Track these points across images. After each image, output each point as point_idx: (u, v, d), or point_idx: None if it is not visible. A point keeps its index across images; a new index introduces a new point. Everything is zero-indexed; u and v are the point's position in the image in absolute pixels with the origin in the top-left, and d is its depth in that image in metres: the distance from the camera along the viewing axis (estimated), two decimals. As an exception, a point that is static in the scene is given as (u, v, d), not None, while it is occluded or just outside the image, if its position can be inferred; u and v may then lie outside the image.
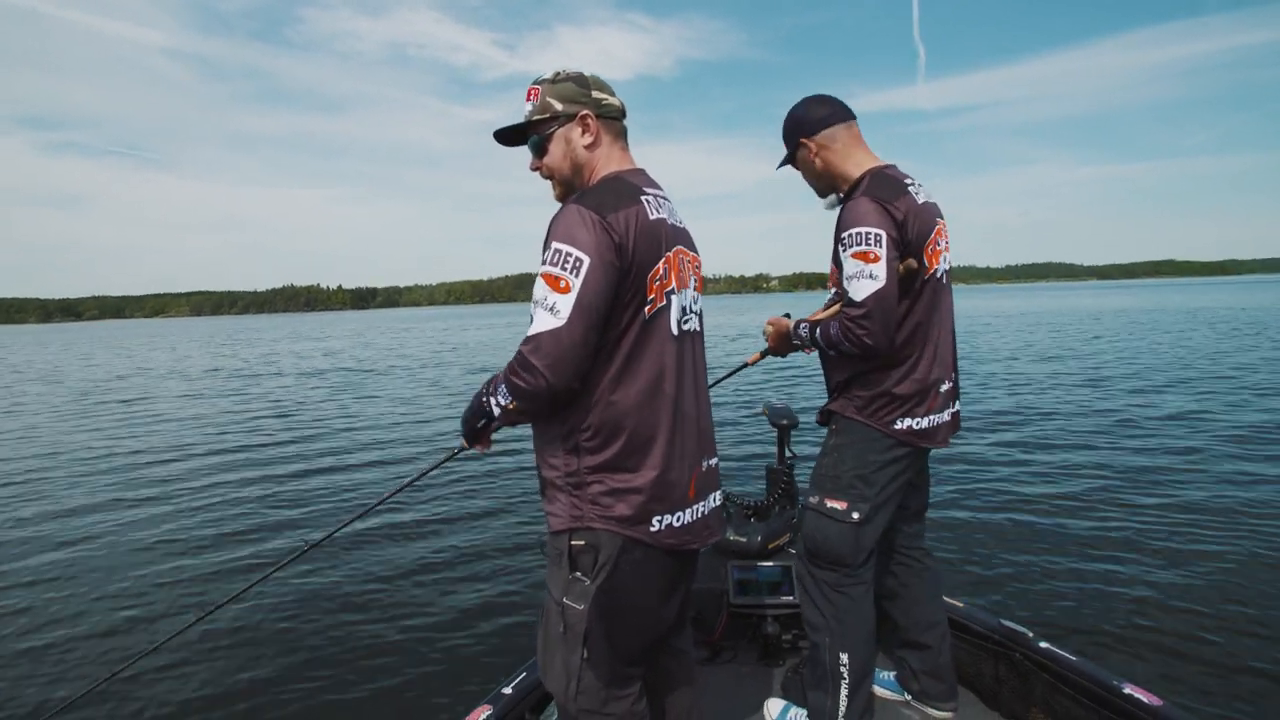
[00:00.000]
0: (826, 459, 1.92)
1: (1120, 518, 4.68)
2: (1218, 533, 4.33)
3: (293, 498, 6.08)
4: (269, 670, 3.21)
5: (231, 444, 8.72)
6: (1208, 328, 21.87)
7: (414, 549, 4.64)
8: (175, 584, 4.23)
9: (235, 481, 6.74)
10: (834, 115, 1.87)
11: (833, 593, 1.87)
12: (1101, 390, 10.31)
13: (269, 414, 11.16)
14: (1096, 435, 7.31)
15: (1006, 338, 20.93)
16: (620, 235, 1.25)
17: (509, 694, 1.91)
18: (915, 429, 1.83)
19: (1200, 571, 3.78)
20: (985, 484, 5.52)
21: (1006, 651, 2.12)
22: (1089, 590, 3.62)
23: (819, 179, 1.94)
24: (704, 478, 1.41)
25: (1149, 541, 4.24)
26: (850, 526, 1.83)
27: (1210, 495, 5.09)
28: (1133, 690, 1.80)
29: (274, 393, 14.14)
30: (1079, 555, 4.08)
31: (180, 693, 3.05)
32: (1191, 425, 7.62)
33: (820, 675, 1.88)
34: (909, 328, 1.82)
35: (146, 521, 5.51)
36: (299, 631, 3.56)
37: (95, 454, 8.37)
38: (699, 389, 1.43)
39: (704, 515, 1.40)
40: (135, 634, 3.60)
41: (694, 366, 1.42)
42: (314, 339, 39.18)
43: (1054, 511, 4.87)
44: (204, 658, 3.31)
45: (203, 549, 4.80)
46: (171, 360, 25.92)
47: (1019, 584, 3.74)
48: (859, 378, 1.86)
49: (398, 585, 4.08)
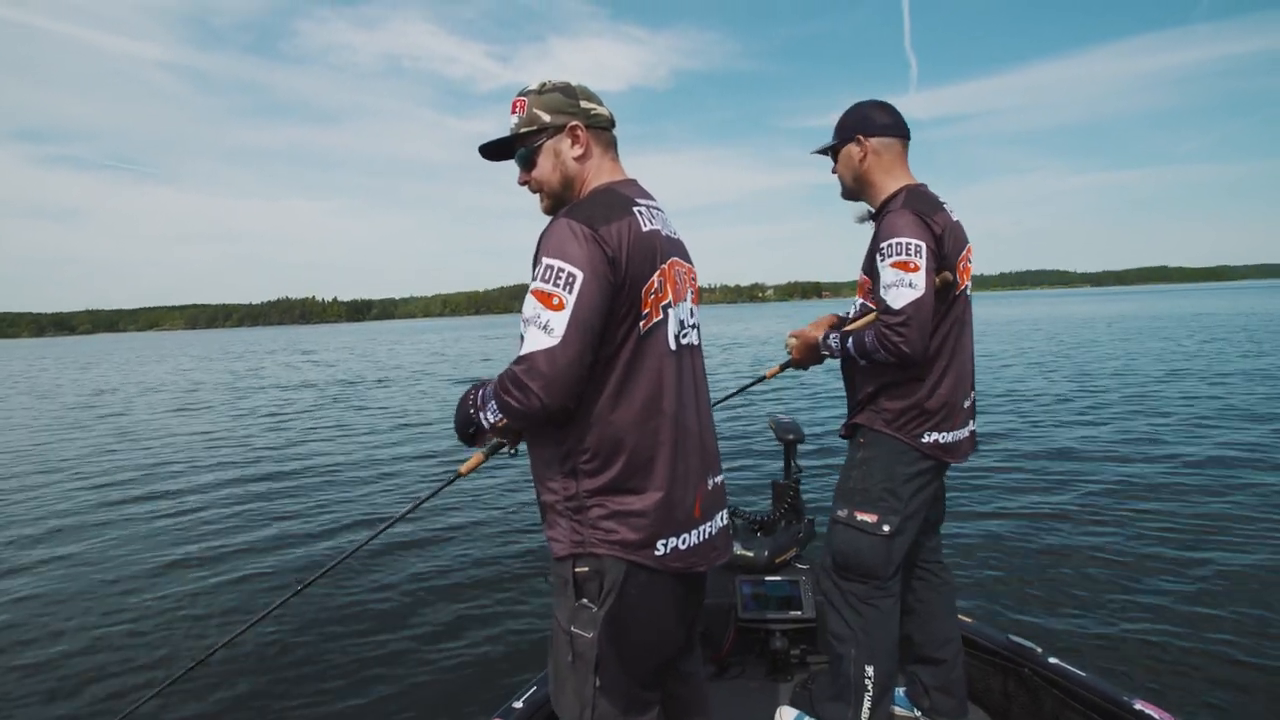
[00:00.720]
0: (854, 472, 1.92)
1: (1128, 529, 4.68)
2: (1229, 544, 4.33)
3: (292, 514, 6.05)
4: (273, 687, 3.18)
5: (226, 460, 8.67)
6: (1205, 333, 21.97)
7: (419, 562, 4.61)
8: (168, 609, 4.20)
9: (230, 500, 6.71)
10: (895, 128, 1.91)
11: (861, 605, 1.88)
12: (1101, 398, 10.33)
13: (260, 429, 11.12)
14: (1101, 444, 7.32)
15: (1004, 344, 20.98)
16: (613, 249, 1.22)
17: (520, 708, 1.89)
18: (941, 443, 1.86)
19: (1212, 584, 3.77)
20: (989, 495, 5.52)
21: (1016, 667, 2.12)
22: (1098, 603, 3.61)
23: (855, 180, 1.95)
24: (709, 496, 1.37)
25: (1158, 553, 4.23)
26: (882, 539, 1.85)
27: (1223, 506, 5.08)
28: (1143, 706, 1.79)
29: (264, 407, 14.09)
30: (1087, 568, 4.07)
31: (179, 712, 3.02)
32: (1199, 433, 7.63)
33: (842, 686, 1.87)
34: (938, 341, 1.84)
35: (138, 543, 5.48)
36: (302, 646, 3.53)
37: (72, 474, 8.32)
38: (700, 404, 1.39)
39: (710, 536, 1.37)
40: (124, 661, 3.57)
41: (694, 381, 1.38)
42: (302, 351, 39.09)
43: (1060, 523, 4.86)
44: (205, 677, 3.28)
45: (197, 568, 4.77)
46: (161, 374, 25.82)
47: (1027, 597, 3.73)
48: (887, 390, 1.87)
49: (405, 598, 4.06)
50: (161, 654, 3.55)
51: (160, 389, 19.44)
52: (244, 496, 6.72)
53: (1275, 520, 4.68)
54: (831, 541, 1.96)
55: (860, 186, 1.96)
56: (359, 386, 17.43)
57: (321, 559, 4.78)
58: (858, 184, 1.95)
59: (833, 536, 1.95)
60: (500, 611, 3.88)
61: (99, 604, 4.19)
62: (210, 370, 26.93)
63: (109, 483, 7.61)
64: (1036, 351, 18.59)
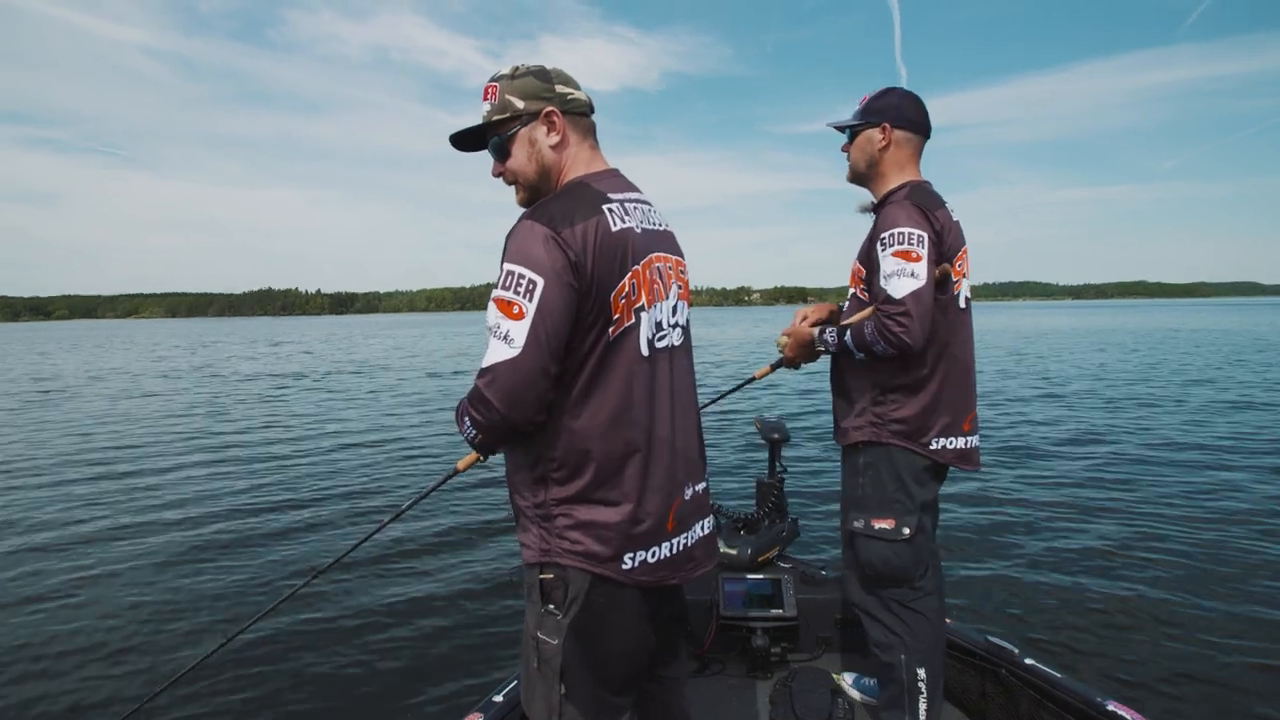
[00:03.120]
0: (862, 479, 1.89)
1: (1106, 532, 4.75)
2: (1205, 545, 4.42)
3: (283, 510, 5.99)
4: (255, 686, 3.15)
5: (206, 458, 8.56)
6: (1184, 345, 22.36)
7: (403, 559, 4.58)
8: (149, 609, 4.14)
9: (216, 495, 6.62)
10: (920, 125, 1.89)
11: (902, 609, 1.87)
12: (1080, 404, 10.48)
13: (242, 425, 10.98)
14: (1079, 450, 7.43)
15: (990, 352, 21.22)
16: (577, 252, 1.14)
17: (500, 702, 1.89)
18: (951, 448, 1.85)
19: (1185, 587, 3.84)
20: (969, 498, 5.58)
21: (993, 668, 2.14)
22: (1074, 605, 3.67)
23: (866, 164, 1.92)
24: (686, 506, 1.29)
25: (1134, 556, 4.30)
26: (904, 543, 1.83)
27: (1197, 510, 5.18)
28: (1116, 707, 1.81)
29: (245, 400, 13.92)
30: (1064, 569, 4.13)
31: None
32: (1174, 439, 7.77)
33: (896, 694, 1.86)
34: (941, 346, 1.83)
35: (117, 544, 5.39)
36: (286, 641, 3.49)
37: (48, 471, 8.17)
38: (679, 411, 1.30)
39: (686, 548, 1.29)
40: (105, 666, 3.51)
41: (672, 386, 1.29)
42: (272, 344, 38.68)
43: (1039, 525, 4.93)
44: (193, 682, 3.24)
45: (180, 568, 4.71)
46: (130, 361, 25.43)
47: (1004, 599, 3.78)
48: (890, 397, 1.85)
49: (388, 595, 4.03)
50: (144, 655, 3.50)
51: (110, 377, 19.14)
52: (229, 493, 6.64)
53: (1251, 523, 4.78)
54: (856, 555, 1.92)
55: (871, 174, 1.93)
56: (347, 378, 17.28)
57: (313, 555, 4.73)
58: (869, 169, 1.92)
59: (855, 550, 1.91)
60: (483, 609, 3.86)
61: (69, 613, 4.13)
62: (179, 359, 26.56)
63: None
64: (1011, 358, 18.81)
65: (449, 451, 8.16)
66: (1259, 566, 4.10)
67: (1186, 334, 31.04)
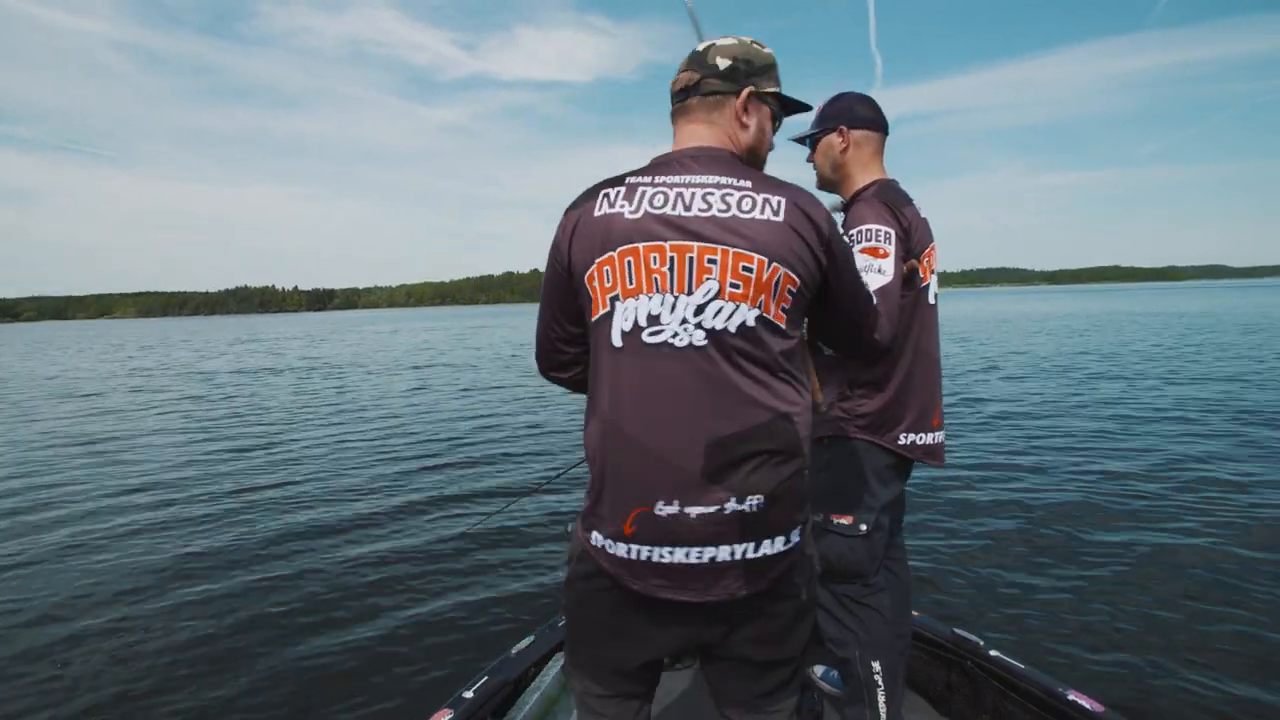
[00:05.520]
0: (823, 475, 1.90)
1: (1071, 523, 4.84)
2: (1167, 536, 4.50)
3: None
4: (218, 674, 3.12)
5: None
6: (1151, 331, 22.79)
7: (375, 552, 4.55)
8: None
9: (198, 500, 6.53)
10: (877, 122, 1.91)
11: (855, 605, 1.88)
12: (1043, 394, 10.65)
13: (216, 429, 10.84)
14: (1044, 440, 7.54)
15: (959, 342, 21.47)
16: (564, 231, 1.21)
17: (470, 698, 1.90)
18: (919, 444, 1.87)
19: (1146, 578, 3.91)
20: (936, 492, 5.64)
21: (959, 660, 2.18)
22: (1038, 597, 3.72)
23: (831, 169, 1.94)
24: (656, 522, 1.13)
25: (1097, 547, 4.38)
26: (861, 539, 1.85)
27: (1160, 501, 5.28)
28: (1076, 697, 1.86)
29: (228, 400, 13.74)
30: (1029, 561, 4.20)
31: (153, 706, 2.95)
32: (1136, 429, 7.91)
33: (855, 689, 1.88)
34: (908, 341, 1.85)
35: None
36: (250, 637, 3.46)
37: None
38: (665, 415, 1.14)
39: (651, 562, 1.15)
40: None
41: (675, 390, 1.13)
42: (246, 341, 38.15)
43: (1005, 518, 5.00)
44: (162, 671, 3.21)
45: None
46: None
47: (971, 591, 3.83)
48: (856, 392, 1.86)
49: (361, 586, 4.00)
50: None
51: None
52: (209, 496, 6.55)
53: (1210, 514, 4.89)
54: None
55: (838, 177, 1.94)
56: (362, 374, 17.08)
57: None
58: (835, 173, 1.94)
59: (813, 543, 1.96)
60: (453, 600, 3.85)
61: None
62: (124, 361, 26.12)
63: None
64: (985, 348, 19.07)
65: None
66: (1217, 556, 4.18)
67: (1149, 318, 31.61)
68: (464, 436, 8.87)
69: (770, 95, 1.32)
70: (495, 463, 7.38)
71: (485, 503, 5.83)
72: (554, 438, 8.65)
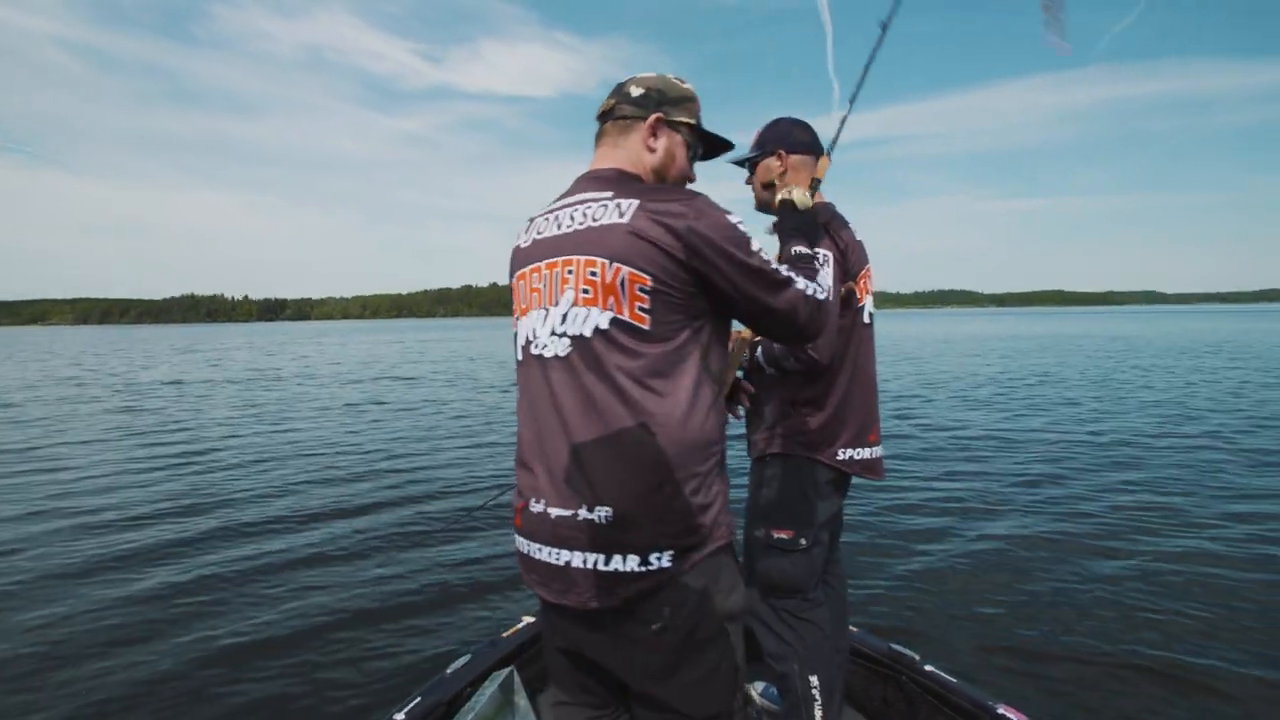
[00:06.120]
0: (765, 490, 1.94)
1: (1006, 536, 4.95)
2: (1097, 551, 4.63)
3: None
4: (142, 688, 2.96)
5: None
6: (1086, 353, 23.72)
7: (306, 563, 4.39)
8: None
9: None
10: (813, 146, 1.97)
11: (794, 619, 1.90)
12: (978, 409, 10.95)
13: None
14: (980, 453, 7.72)
15: (908, 360, 21.97)
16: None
17: (401, 719, 1.87)
18: (858, 459, 1.91)
19: (1079, 591, 4.02)
20: (873, 507, 5.71)
21: (894, 674, 2.20)
22: (974, 611, 3.79)
23: (771, 192, 1.98)
24: (534, 519, 1.20)
25: (1032, 559, 4.49)
26: (801, 554, 1.88)
27: (1095, 519, 5.43)
28: (1005, 710, 1.90)
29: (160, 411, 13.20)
30: (965, 576, 4.27)
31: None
32: (1067, 441, 8.16)
33: (793, 703, 1.89)
34: (845, 359, 1.89)
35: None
36: (167, 658, 3.29)
37: None
38: (545, 423, 1.20)
39: (534, 559, 1.21)
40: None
41: (550, 398, 1.19)
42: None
43: (941, 532, 5.09)
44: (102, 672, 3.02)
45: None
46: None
47: (907, 605, 3.87)
48: (798, 410, 1.89)
49: (290, 604, 3.85)
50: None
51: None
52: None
53: (1140, 527, 5.06)
54: (753, 563, 1.97)
55: (775, 199, 1.99)
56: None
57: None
58: (773, 196, 1.96)
59: (753, 558, 1.97)
60: (395, 620, 3.74)
61: None
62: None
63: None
64: (909, 364, 19.57)
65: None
66: (1151, 564, 4.34)
67: (1088, 340, 32.94)
68: (408, 448, 8.69)
69: (683, 124, 1.35)
70: (444, 472, 7.25)
71: (430, 517, 5.70)
72: (507, 450, 8.53)
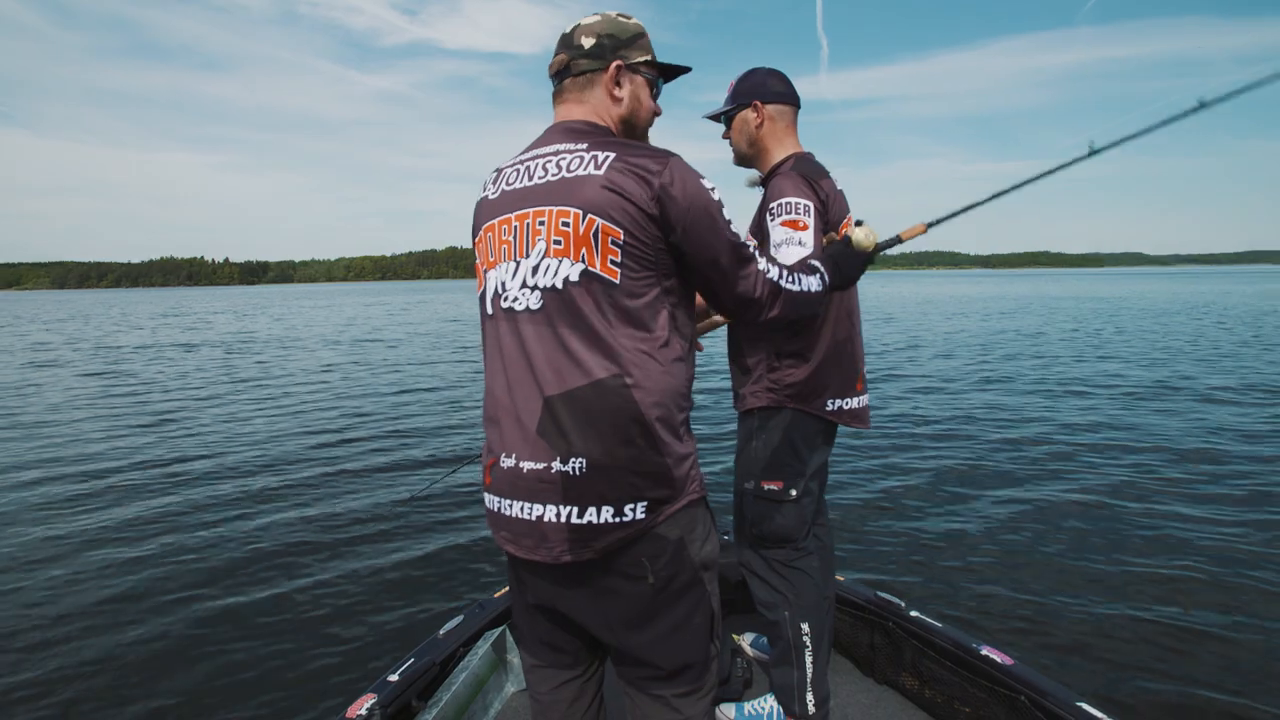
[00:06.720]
0: (754, 443, 1.95)
1: (990, 487, 5.06)
2: (1075, 503, 4.75)
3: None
4: (128, 665, 3.00)
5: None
6: (1071, 314, 23.94)
7: (296, 525, 4.41)
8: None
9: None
10: (789, 96, 1.94)
11: (785, 569, 1.93)
12: (966, 366, 11.08)
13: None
14: (963, 409, 7.80)
15: (896, 321, 22.08)
16: None
17: (395, 680, 1.89)
18: (845, 409, 1.92)
19: (1058, 538, 4.14)
20: (861, 458, 5.81)
21: (881, 621, 2.24)
22: (958, 557, 3.90)
23: (748, 145, 1.96)
24: (504, 474, 1.19)
25: (1014, 508, 4.60)
26: (791, 504, 1.90)
27: (1077, 465, 5.56)
28: (988, 651, 1.95)
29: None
30: (948, 524, 4.38)
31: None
32: (1049, 397, 8.30)
33: (783, 650, 1.92)
34: (834, 313, 1.88)
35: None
36: (164, 620, 3.33)
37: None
38: (514, 376, 1.19)
39: (504, 515, 1.20)
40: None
41: (521, 351, 1.18)
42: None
43: (927, 482, 5.20)
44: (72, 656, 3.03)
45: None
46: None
47: (892, 552, 3.98)
48: (783, 362, 1.89)
49: (282, 567, 3.88)
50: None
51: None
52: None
53: (1112, 478, 5.18)
54: (744, 515, 1.99)
55: (754, 152, 1.98)
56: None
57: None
58: (752, 149, 1.97)
59: (744, 510, 1.99)
60: (380, 583, 3.77)
61: None
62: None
63: None
64: (911, 325, 19.70)
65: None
66: (1127, 521, 4.45)
67: (1072, 301, 33.22)
68: (390, 410, 8.69)
69: (642, 64, 1.31)
70: (427, 436, 7.25)
71: (413, 477, 5.74)
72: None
